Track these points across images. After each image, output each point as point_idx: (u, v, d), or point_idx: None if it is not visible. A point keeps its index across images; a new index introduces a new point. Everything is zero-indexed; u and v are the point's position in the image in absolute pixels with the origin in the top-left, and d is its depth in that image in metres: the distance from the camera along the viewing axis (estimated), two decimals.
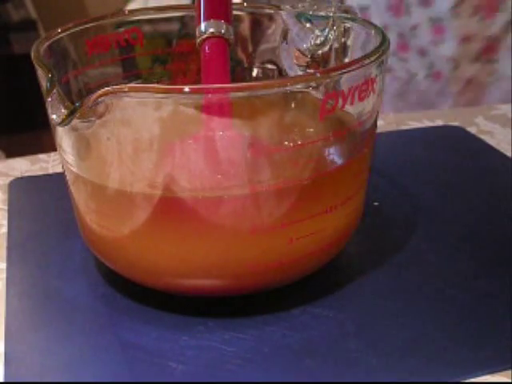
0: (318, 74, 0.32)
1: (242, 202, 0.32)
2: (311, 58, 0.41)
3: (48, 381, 0.31)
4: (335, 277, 0.39)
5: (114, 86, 0.29)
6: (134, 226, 0.33)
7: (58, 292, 0.37)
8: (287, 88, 0.31)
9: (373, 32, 0.37)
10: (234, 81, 0.40)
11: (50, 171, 0.51)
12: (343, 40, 0.40)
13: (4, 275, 0.39)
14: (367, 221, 0.40)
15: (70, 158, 0.35)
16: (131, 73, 0.43)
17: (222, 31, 0.37)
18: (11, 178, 0.50)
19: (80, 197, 0.36)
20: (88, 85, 0.40)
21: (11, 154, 0.68)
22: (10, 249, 0.41)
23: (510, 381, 0.31)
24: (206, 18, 0.37)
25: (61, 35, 0.39)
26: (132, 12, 0.42)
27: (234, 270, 0.34)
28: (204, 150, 0.32)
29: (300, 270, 0.36)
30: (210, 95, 0.30)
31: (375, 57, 0.33)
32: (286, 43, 0.43)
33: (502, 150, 0.54)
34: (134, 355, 0.33)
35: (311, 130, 0.33)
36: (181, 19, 0.44)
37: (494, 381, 0.32)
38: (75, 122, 0.30)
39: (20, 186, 0.49)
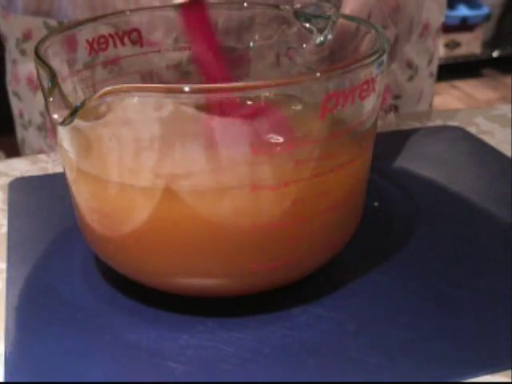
0: (318, 74, 0.32)
1: (242, 201, 0.32)
2: (311, 57, 0.41)
3: (48, 381, 0.31)
4: (335, 277, 0.39)
5: (115, 86, 0.29)
6: (135, 225, 0.33)
7: (57, 292, 0.37)
8: (287, 88, 0.31)
9: (373, 32, 0.37)
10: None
11: (50, 171, 0.51)
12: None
13: (4, 275, 0.39)
14: (367, 221, 0.40)
15: (71, 157, 0.34)
16: (131, 72, 0.43)
17: None
18: (11, 178, 0.50)
19: (81, 196, 0.36)
20: (89, 84, 0.40)
21: (11, 153, 0.67)
22: (10, 249, 0.41)
23: (509, 381, 0.31)
24: None
25: (61, 35, 0.39)
26: (132, 12, 0.42)
27: (234, 269, 0.34)
28: (205, 148, 0.32)
29: (300, 270, 0.36)
30: (209, 95, 0.30)
31: (375, 57, 0.33)
32: (286, 43, 0.43)
33: (501, 150, 0.54)
34: (134, 355, 0.33)
35: (311, 129, 0.33)
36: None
37: (494, 381, 0.32)
38: (76, 121, 0.30)
39: (20, 186, 0.49)
